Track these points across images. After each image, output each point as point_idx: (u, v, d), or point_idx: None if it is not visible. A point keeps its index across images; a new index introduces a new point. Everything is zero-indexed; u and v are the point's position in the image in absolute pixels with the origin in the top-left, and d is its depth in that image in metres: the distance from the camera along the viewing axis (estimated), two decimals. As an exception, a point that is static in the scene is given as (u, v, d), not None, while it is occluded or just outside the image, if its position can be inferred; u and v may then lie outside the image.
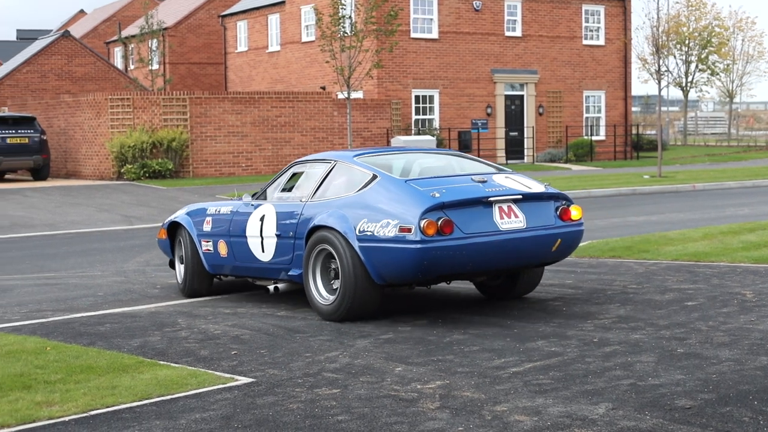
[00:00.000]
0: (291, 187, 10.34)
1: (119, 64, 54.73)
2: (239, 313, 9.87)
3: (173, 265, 11.71)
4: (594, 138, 42.00)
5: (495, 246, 8.87)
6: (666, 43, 37.56)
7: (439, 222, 8.58)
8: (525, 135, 40.65)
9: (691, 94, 65.31)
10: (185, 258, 11.15)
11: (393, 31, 30.58)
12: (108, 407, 6.42)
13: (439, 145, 35.85)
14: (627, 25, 43.29)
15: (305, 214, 9.60)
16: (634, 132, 45.07)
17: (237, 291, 11.49)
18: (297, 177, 10.42)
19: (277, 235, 9.88)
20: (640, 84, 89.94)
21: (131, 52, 50.05)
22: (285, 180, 10.51)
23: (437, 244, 8.57)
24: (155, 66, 44.75)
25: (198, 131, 32.90)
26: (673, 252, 13.03)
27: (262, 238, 10.07)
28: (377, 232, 8.81)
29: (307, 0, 39.87)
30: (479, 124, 39.23)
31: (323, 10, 32.30)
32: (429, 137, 34.42)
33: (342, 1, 29.61)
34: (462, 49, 38.91)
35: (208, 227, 10.90)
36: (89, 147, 33.56)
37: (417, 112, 38.13)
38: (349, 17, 29.98)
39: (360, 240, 8.93)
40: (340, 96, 34.49)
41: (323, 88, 38.10)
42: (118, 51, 56.81)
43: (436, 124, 38.30)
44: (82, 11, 79.12)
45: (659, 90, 33.15)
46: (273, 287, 10.19)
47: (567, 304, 9.74)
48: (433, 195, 8.75)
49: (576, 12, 41.81)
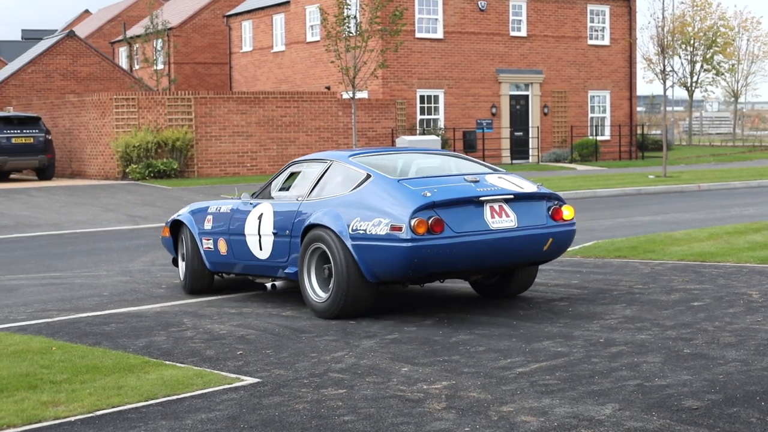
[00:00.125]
0: (288, 187, 10.50)
1: (124, 64, 54.76)
2: (244, 313, 9.87)
3: (176, 263, 11.88)
4: (599, 138, 41.96)
5: (485, 245, 8.99)
6: (671, 43, 37.53)
7: (430, 221, 8.71)
8: (530, 135, 40.62)
9: (696, 94, 65.21)
10: (186, 255, 11.30)
11: (398, 31, 30.58)
12: (114, 407, 6.42)
13: (444, 145, 35.86)
14: (632, 25, 43.24)
15: (301, 212, 9.76)
16: (639, 132, 45.03)
17: (237, 288, 11.51)
18: (294, 176, 10.58)
19: (274, 234, 10.03)
20: (645, 84, 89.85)
21: (136, 52, 50.05)
22: (283, 179, 10.66)
23: (427, 242, 8.70)
24: (160, 66, 44.74)
25: (203, 131, 32.91)
26: (679, 252, 13.00)
27: (259, 236, 10.22)
28: (369, 230, 8.95)
29: (312, 0, 39.88)
30: (484, 124, 39.21)
31: (328, 10, 32.30)
32: (434, 137, 34.41)
33: (347, 1, 29.60)
34: (467, 49, 38.89)
35: (208, 225, 11.06)
36: (94, 147, 33.58)
37: (422, 112, 38.11)
38: (354, 17, 29.98)
39: (353, 238, 9.07)
40: (344, 96, 34.48)
41: (328, 88, 38.10)
42: (122, 51, 56.84)
43: (440, 124, 38.28)
44: (86, 11, 79.16)
45: (664, 90, 33.13)
46: (270, 285, 10.35)
47: (573, 304, 9.73)
48: (425, 194, 8.89)
49: (581, 12, 41.77)
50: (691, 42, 61.20)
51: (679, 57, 60.83)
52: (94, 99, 33.57)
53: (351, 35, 29.44)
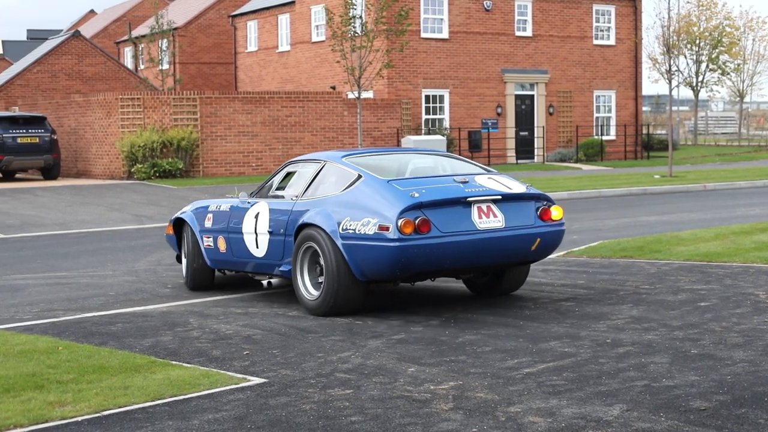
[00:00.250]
0: (284, 186, 10.73)
1: (129, 64, 54.79)
2: (250, 313, 9.87)
3: (180, 260, 12.17)
4: (604, 138, 41.91)
5: (472, 245, 9.17)
6: (677, 43, 37.51)
7: (417, 221, 8.90)
8: (535, 135, 40.58)
9: (702, 93, 65.13)
10: (189, 253, 11.57)
11: (403, 31, 30.55)
12: (120, 407, 6.42)
13: (450, 145, 35.85)
14: (638, 25, 43.19)
15: (295, 212, 9.96)
16: (644, 132, 44.97)
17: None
18: (290, 176, 10.82)
19: (270, 232, 10.25)
20: (650, 84, 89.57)
21: (141, 52, 50.07)
22: (279, 179, 10.88)
23: (414, 242, 8.89)
24: (165, 66, 44.75)
25: (208, 131, 32.91)
26: (685, 252, 12.98)
27: (256, 234, 10.45)
28: (359, 230, 9.15)
29: (317, 0, 39.88)
30: (489, 123, 39.18)
31: (334, 9, 32.30)
32: (439, 137, 34.39)
33: (352, 1, 29.60)
34: (472, 49, 38.86)
35: (209, 224, 11.32)
36: (99, 146, 33.60)
37: (427, 111, 38.09)
38: (360, 17, 29.97)
39: (343, 238, 9.27)
40: (350, 96, 34.47)
41: (333, 87, 38.09)
42: (128, 51, 56.87)
43: (446, 123, 38.25)
44: (92, 11, 79.20)
45: (670, 90, 33.09)
46: (267, 282, 10.54)
47: (579, 304, 9.71)
48: (412, 195, 9.09)
49: (587, 12, 41.73)
50: (697, 42, 61.10)
51: (685, 57, 60.74)
52: (99, 99, 33.59)
53: (356, 35, 29.43)
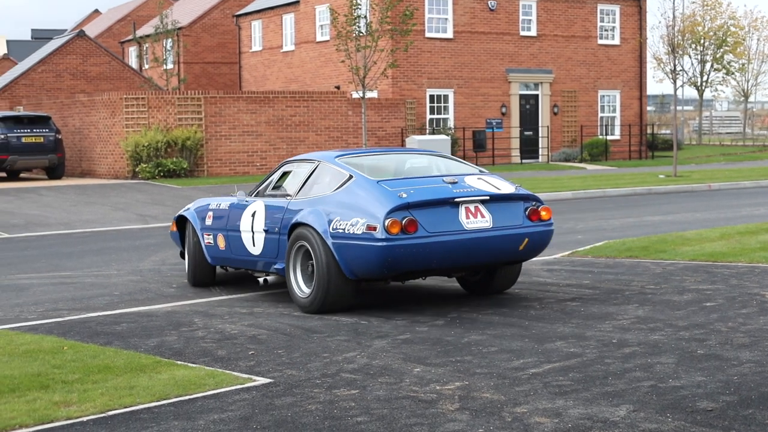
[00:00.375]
0: (280, 185, 10.93)
1: (134, 63, 54.81)
2: (255, 313, 9.86)
3: (183, 256, 12.42)
4: (609, 137, 41.87)
5: (459, 245, 9.31)
6: (681, 43, 37.42)
7: (403, 221, 9.06)
8: (540, 134, 40.56)
9: (706, 93, 65.06)
10: (190, 250, 11.87)
11: (408, 31, 30.54)
12: (126, 407, 6.41)
13: (454, 145, 35.84)
14: (642, 25, 43.14)
15: (289, 211, 10.14)
16: (649, 131, 44.93)
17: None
18: (286, 176, 10.98)
19: (265, 231, 10.45)
20: (655, 83, 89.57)
21: (146, 51, 50.07)
22: (276, 178, 11.09)
23: (401, 242, 9.05)
24: (170, 65, 44.77)
25: (212, 130, 32.92)
26: (691, 252, 12.95)
27: (252, 232, 10.66)
28: (348, 229, 9.31)
29: (322, 0, 39.87)
30: (494, 123, 39.16)
31: (338, 9, 32.28)
32: (444, 137, 34.37)
33: (357, 1, 29.59)
34: (477, 49, 38.84)
35: (209, 222, 11.59)
36: (104, 146, 33.61)
37: (432, 111, 38.07)
38: (365, 17, 29.96)
39: (333, 237, 9.44)
40: (354, 95, 34.46)
41: (337, 87, 38.08)
42: (132, 50, 56.89)
43: (450, 123, 38.23)
44: (96, 11, 79.25)
45: (675, 89, 33.06)
46: (263, 279, 10.75)
47: (585, 304, 9.70)
48: (400, 195, 9.24)
49: (591, 11, 41.68)
50: (701, 41, 61.04)
51: (689, 56, 60.68)
52: (104, 98, 33.60)
53: (361, 35, 29.42)
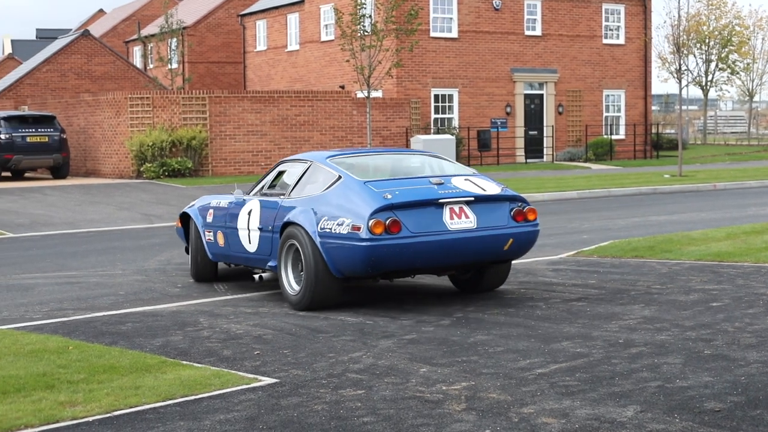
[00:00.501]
0: (276, 185, 11.15)
1: (138, 63, 54.82)
2: (261, 313, 9.85)
3: (188, 251, 12.69)
4: (614, 137, 41.82)
5: (442, 245, 9.49)
6: (686, 42, 37.40)
7: (387, 221, 9.25)
8: (544, 134, 40.51)
9: (711, 93, 65.00)
10: (192, 246, 12.17)
11: (413, 31, 30.53)
12: (131, 407, 6.39)
13: (459, 144, 35.83)
14: (647, 24, 43.09)
15: (281, 210, 10.36)
16: (653, 131, 44.88)
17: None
18: (281, 175, 11.19)
19: (260, 229, 10.69)
20: (659, 83, 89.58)
21: (150, 51, 50.10)
22: (272, 178, 11.30)
23: (384, 242, 9.25)
24: (174, 65, 44.76)
25: (217, 130, 32.91)
26: (696, 252, 12.92)
27: (248, 230, 10.91)
28: (334, 229, 9.52)
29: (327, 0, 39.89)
30: (498, 123, 39.13)
31: (343, 9, 32.27)
32: (448, 136, 34.34)
33: (362, 1, 29.57)
34: (481, 49, 38.81)
35: (210, 219, 11.87)
36: (109, 146, 33.62)
37: (436, 111, 38.04)
38: (369, 16, 29.95)
39: (321, 236, 9.65)
40: (359, 95, 34.44)
41: (342, 87, 38.06)
42: (137, 50, 56.91)
43: (455, 123, 38.21)
44: (101, 10, 79.24)
45: (680, 89, 33.00)
46: (258, 276, 10.98)
47: (591, 304, 9.67)
48: (385, 196, 9.43)
49: (596, 11, 41.64)
50: (706, 41, 60.97)
51: (694, 56, 60.61)
52: (108, 98, 33.60)
53: (366, 34, 29.41)
